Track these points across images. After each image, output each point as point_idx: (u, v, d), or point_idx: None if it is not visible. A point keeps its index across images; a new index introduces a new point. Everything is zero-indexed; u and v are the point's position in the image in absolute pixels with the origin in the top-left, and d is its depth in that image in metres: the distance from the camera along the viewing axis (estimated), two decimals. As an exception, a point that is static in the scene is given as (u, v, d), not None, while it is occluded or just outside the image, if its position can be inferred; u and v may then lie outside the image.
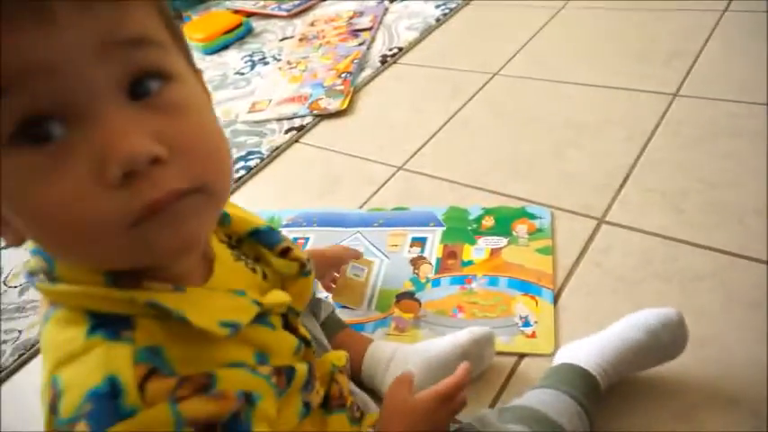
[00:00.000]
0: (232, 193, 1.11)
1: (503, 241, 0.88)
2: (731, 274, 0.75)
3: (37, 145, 0.29)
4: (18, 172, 0.30)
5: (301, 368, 0.42)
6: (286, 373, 0.40)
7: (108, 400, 0.31)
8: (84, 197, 0.29)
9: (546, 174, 1.00)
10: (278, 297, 0.43)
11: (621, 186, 0.93)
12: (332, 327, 0.71)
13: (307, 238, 0.99)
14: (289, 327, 0.44)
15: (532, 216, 0.90)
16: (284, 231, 0.99)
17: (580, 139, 1.06)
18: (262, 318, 0.40)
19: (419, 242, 0.91)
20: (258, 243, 0.46)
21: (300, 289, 0.47)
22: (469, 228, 0.91)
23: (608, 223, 0.87)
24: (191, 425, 0.32)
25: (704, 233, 0.82)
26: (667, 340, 0.62)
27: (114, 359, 0.32)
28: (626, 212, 0.88)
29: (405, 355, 0.68)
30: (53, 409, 0.33)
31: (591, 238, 0.85)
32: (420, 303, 0.81)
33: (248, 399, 0.35)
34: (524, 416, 0.56)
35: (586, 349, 0.63)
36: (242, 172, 1.19)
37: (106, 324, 0.33)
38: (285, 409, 0.41)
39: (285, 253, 0.47)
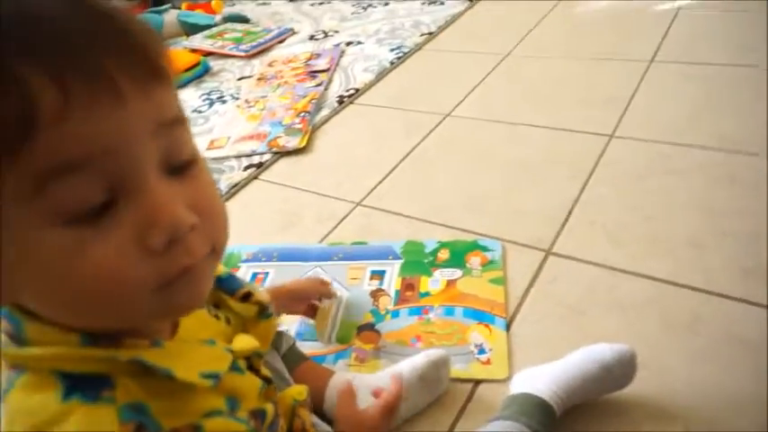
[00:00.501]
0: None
1: (457, 273, 0.92)
2: (667, 301, 0.81)
3: (87, 220, 0.30)
4: (62, 245, 0.30)
5: (269, 408, 0.43)
6: (260, 416, 0.42)
7: None
8: (126, 262, 0.30)
9: (497, 208, 1.05)
10: (247, 343, 0.43)
11: (566, 220, 0.99)
12: (293, 359, 0.72)
13: (266, 273, 1.00)
14: (251, 368, 0.45)
15: (485, 249, 0.95)
16: (244, 267, 1.03)
17: (528, 176, 1.12)
18: (232, 364, 0.41)
19: (378, 275, 0.94)
20: (219, 290, 0.47)
21: (264, 331, 0.47)
22: (426, 261, 0.95)
23: (555, 255, 0.93)
24: None
25: (642, 262, 0.88)
26: (619, 373, 0.67)
27: (99, 422, 0.32)
28: (571, 244, 0.94)
29: (366, 383, 0.70)
30: None
31: (540, 269, 0.90)
32: (380, 334, 0.83)
33: None
34: None
35: (544, 378, 0.67)
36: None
37: (82, 386, 0.33)
38: None
39: (246, 298, 0.47)
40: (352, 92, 1.56)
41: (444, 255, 0.96)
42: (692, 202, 0.98)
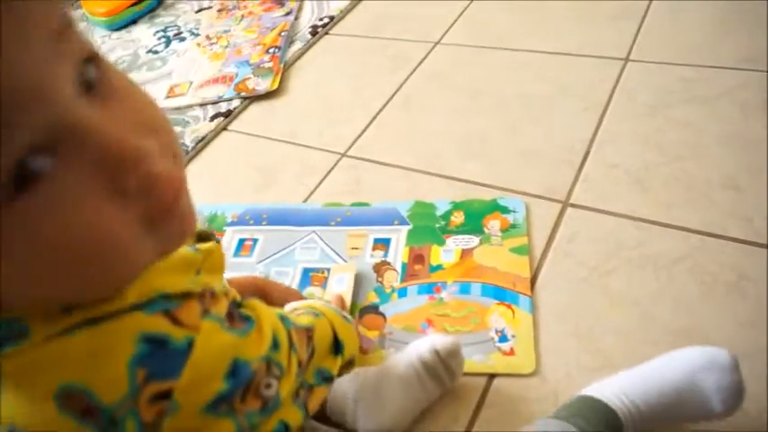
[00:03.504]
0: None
1: (474, 240, 0.80)
2: (705, 256, 0.71)
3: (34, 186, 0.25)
4: (23, 219, 0.25)
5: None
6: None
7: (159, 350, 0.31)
8: (104, 215, 0.27)
9: (501, 152, 0.92)
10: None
11: (583, 164, 0.87)
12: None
13: (255, 240, 0.88)
14: None
15: (505, 209, 0.83)
16: (229, 231, 0.90)
17: (533, 111, 0.99)
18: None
19: (382, 244, 0.82)
20: None
21: (216, 261, 0.41)
22: (437, 225, 0.83)
23: (573, 206, 0.81)
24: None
25: (672, 211, 0.77)
26: (711, 388, 0.52)
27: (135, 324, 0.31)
28: (590, 193, 0.83)
29: (372, 383, 0.60)
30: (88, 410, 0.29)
31: (557, 225, 0.79)
32: (385, 318, 0.72)
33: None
34: None
35: (614, 384, 0.55)
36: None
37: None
38: None
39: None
40: (326, 20, 1.37)
41: (458, 218, 0.83)
42: (724, 135, 0.86)
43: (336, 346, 0.49)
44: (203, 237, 0.41)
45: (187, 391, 0.31)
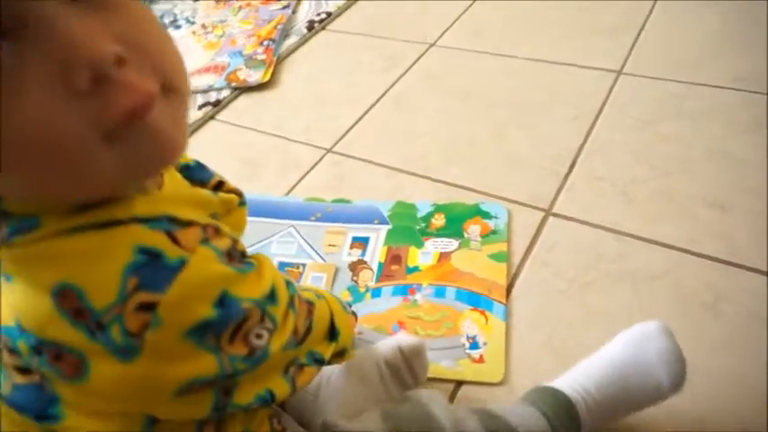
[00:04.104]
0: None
1: (453, 244, 0.78)
2: (685, 273, 0.70)
3: None
4: None
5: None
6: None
7: (152, 262, 0.31)
8: (53, 111, 0.27)
9: (487, 157, 0.91)
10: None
11: (569, 173, 0.86)
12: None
13: (234, 231, 0.86)
14: None
15: (486, 215, 0.81)
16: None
17: (524, 118, 0.98)
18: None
19: (360, 243, 0.81)
20: (190, 179, 0.42)
21: (237, 220, 0.45)
22: (417, 227, 0.81)
23: (556, 215, 0.80)
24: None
25: (655, 226, 0.76)
26: (652, 357, 0.54)
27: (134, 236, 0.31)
28: (574, 203, 0.81)
29: (333, 379, 0.59)
30: (79, 311, 0.30)
31: (538, 233, 0.78)
32: (356, 317, 0.71)
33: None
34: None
35: (567, 374, 0.56)
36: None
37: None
38: None
39: (218, 187, 0.45)
40: (323, 16, 1.36)
41: (439, 221, 0.82)
42: (713, 152, 0.85)
43: (332, 333, 0.48)
44: (231, 191, 0.44)
45: (171, 307, 0.31)
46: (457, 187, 0.87)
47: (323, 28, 1.34)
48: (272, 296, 0.37)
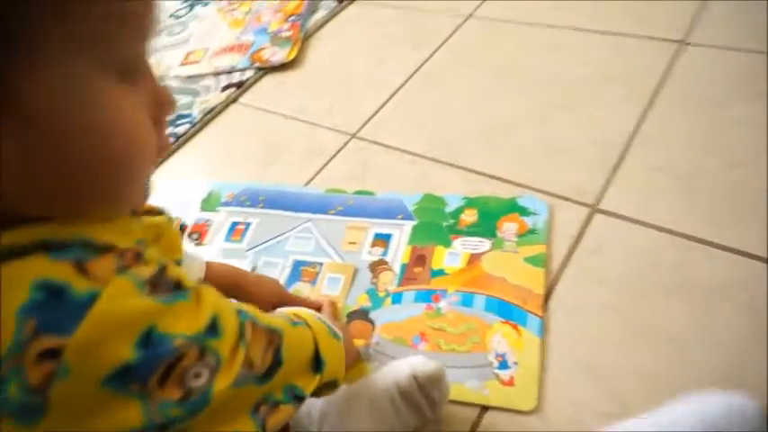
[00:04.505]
0: (158, 165, 0.94)
1: (485, 244, 0.70)
2: (760, 287, 0.60)
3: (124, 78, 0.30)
4: (108, 96, 0.29)
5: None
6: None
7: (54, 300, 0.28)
8: (146, 126, 0.31)
9: (526, 144, 0.82)
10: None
11: (620, 163, 0.76)
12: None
13: (248, 224, 0.81)
14: None
15: (524, 211, 0.73)
16: (223, 212, 0.83)
17: (570, 98, 0.87)
18: None
19: (382, 240, 0.74)
20: None
21: (168, 243, 0.44)
22: (445, 224, 0.74)
23: (602, 212, 0.71)
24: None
25: (722, 229, 0.66)
26: None
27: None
28: (625, 198, 0.72)
29: (340, 403, 0.53)
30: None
31: (581, 233, 0.69)
32: (374, 326, 0.65)
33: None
34: None
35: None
36: (170, 140, 1.00)
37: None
38: None
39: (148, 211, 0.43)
40: (354, -13, 1.27)
41: (470, 217, 0.74)
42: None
43: (317, 363, 0.44)
44: (154, 212, 0.43)
45: (81, 351, 0.27)
46: (491, 178, 0.79)
47: (353, 1, 1.25)
48: (213, 328, 0.32)
